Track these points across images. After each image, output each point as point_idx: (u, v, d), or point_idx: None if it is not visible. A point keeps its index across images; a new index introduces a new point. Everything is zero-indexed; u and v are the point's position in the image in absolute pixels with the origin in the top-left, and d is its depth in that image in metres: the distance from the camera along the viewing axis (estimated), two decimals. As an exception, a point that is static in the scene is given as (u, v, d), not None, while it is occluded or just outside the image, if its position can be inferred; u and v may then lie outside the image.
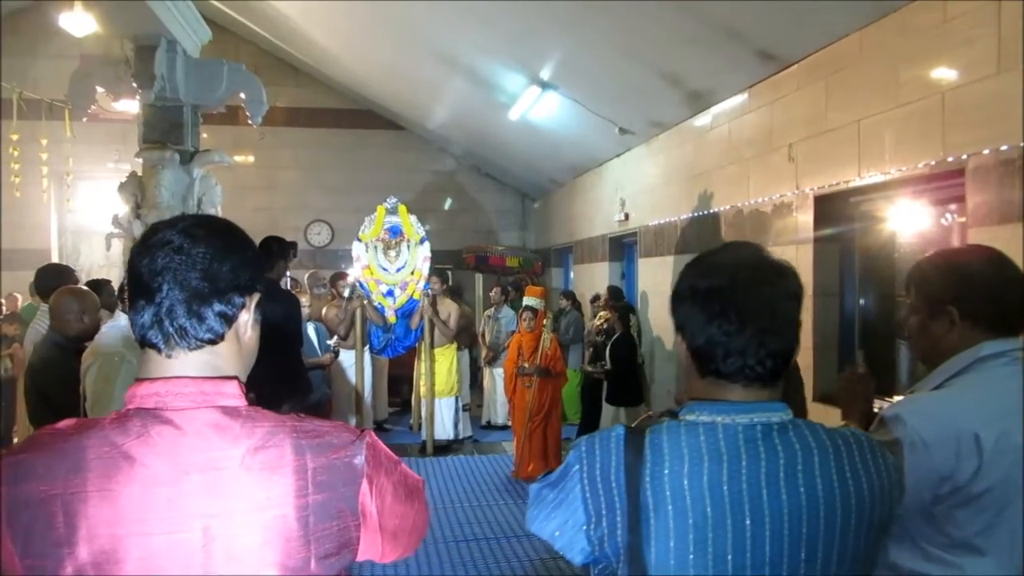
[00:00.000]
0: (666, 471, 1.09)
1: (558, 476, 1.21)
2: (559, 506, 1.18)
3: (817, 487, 1.09)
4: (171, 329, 1.02)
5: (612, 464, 1.13)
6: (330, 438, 1.04)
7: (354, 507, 1.03)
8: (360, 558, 1.07)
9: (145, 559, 0.94)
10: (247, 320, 1.10)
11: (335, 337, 6.79)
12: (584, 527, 1.14)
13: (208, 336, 1.04)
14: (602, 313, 7.26)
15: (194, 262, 1.03)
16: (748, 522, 1.07)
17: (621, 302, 7.22)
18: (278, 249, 4.63)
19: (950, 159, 3.31)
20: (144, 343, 1.04)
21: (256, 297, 1.12)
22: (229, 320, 1.06)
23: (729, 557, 1.07)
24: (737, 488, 1.08)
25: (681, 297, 1.20)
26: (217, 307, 1.04)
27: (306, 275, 8.76)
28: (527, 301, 6.66)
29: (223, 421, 1.00)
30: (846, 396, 1.76)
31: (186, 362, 1.04)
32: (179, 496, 0.96)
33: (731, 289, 1.14)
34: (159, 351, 1.03)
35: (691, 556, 1.07)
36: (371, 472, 1.05)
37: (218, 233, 1.08)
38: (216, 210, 6.07)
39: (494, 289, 8.90)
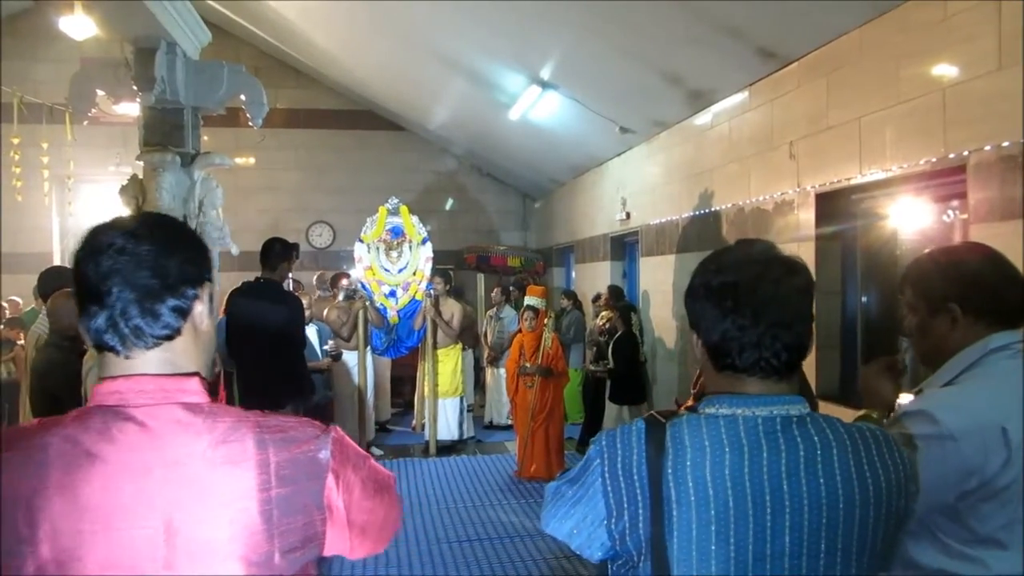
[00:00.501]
0: (688, 463, 1.11)
1: (578, 472, 1.22)
2: (578, 502, 1.19)
3: (836, 479, 1.11)
4: (126, 330, 1.02)
5: (634, 457, 1.14)
6: (294, 433, 1.05)
7: (319, 501, 1.03)
8: (327, 553, 1.07)
9: (108, 555, 0.94)
10: (202, 311, 1.10)
11: (330, 341, 6.81)
12: (605, 521, 1.15)
13: (164, 332, 1.04)
14: (604, 313, 7.26)
15: (140, 260, 1.02)
16: (769, 513, 1.09)
17: (622, 301, 7.22)
18: (281, 250, 4.63)
19: (951, 156, 3.30)
20: (101, 347, 1.04)
21: (208, 287, 1.11)
22: (184, 313, 1.06)
23: (750, 548, 1.09)
24: (758, 479, 1.10)
25: (695, 294, 1.22)
26: (171, 302, 1.04)
27: (314, 277, 8.78)
28: (528, 301, 6.67)
29: (185, 417, 1.01)
30: (876, 385, 1.69)
31: (145, 361, 1.04)
32: (141, 492, 0.96)
33: (743, 284, 1.16)
34: (117, 353, 1.03)
35: (713, 547, 1.09)
36: (337, 467, 1.06)
37: (160, 229, 1.07)
38: (217, 212, 6.08)
39: (495, 290, 8.91)
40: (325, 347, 6.64)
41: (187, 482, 0.97)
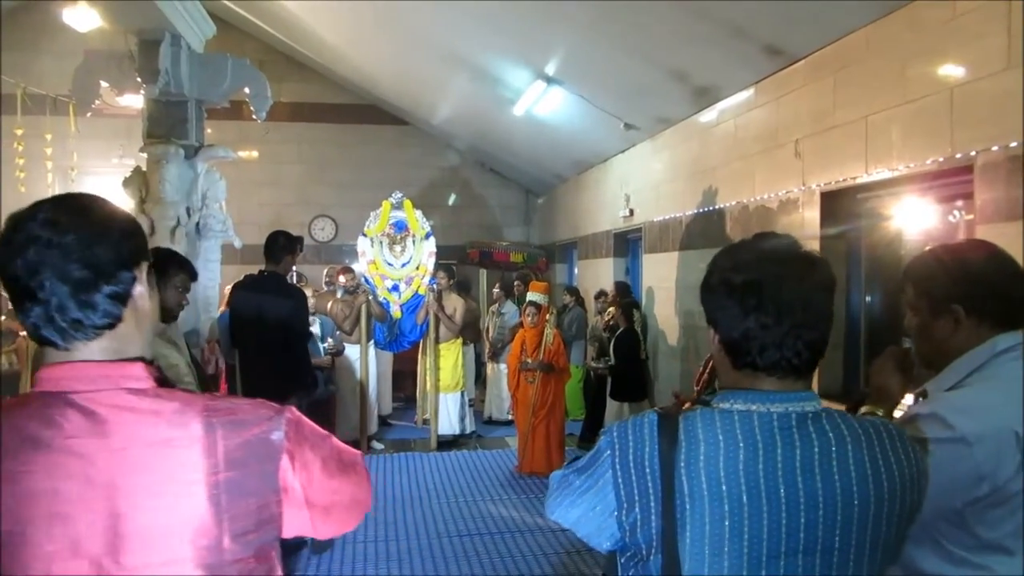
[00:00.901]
0: (701, 458, 1.10)
1: (587, 462, 1.21)
2: (587, 492, 1.18)
3: (851, 474, 1.10)
4: (64, 324, 0.99)
5: (646, 450, 1.13)
6: (244, 415, 1.03)
7: (274, 484, 1.02)
8: (287, 534, 1.06)
9: (53, 540, 0.94)
10: (143, 292, 1.06)
11: (329, 339, 6.80)
12: (615, 512, 1.14)
13: (105, 321, 1.01)
14: (611, 308, 7.26)
15: (68, 252, 0.97)
16: (783, 509, 1.08)
17: (627, 298, 7.21)
18: (285, 243, 4.64)
19: (958, 156, 3.28)
20: (41, 341, 1.01)
21: (145, 266, 1.07)
22: (123, 298, 1.03)
23: (764, 544, 1.08)
24: (773, 475, 1.09)
25: (713, 290, 1.20)
26: (107, 289, 1.00)
27: (324, 272, 8.78)
28: (530, 297, 6.69)
29: (129, 402, 0.99)
30: (885, 381, 1.60)
31: (88, 351, 1.01)
32: (85, 478, 0.95)
33: (767, 283, 1.13)
34: (57, 347, 1.01)
35: (726, 543, 1.08)
36: (292, 447, 1.04)
37: (83, 214, 1.02)
38: (220, 205, 6.08)
39: (495, 287, 8.90)
40: (324, 344, 6.64)
41: (132, 467, 0.96)
